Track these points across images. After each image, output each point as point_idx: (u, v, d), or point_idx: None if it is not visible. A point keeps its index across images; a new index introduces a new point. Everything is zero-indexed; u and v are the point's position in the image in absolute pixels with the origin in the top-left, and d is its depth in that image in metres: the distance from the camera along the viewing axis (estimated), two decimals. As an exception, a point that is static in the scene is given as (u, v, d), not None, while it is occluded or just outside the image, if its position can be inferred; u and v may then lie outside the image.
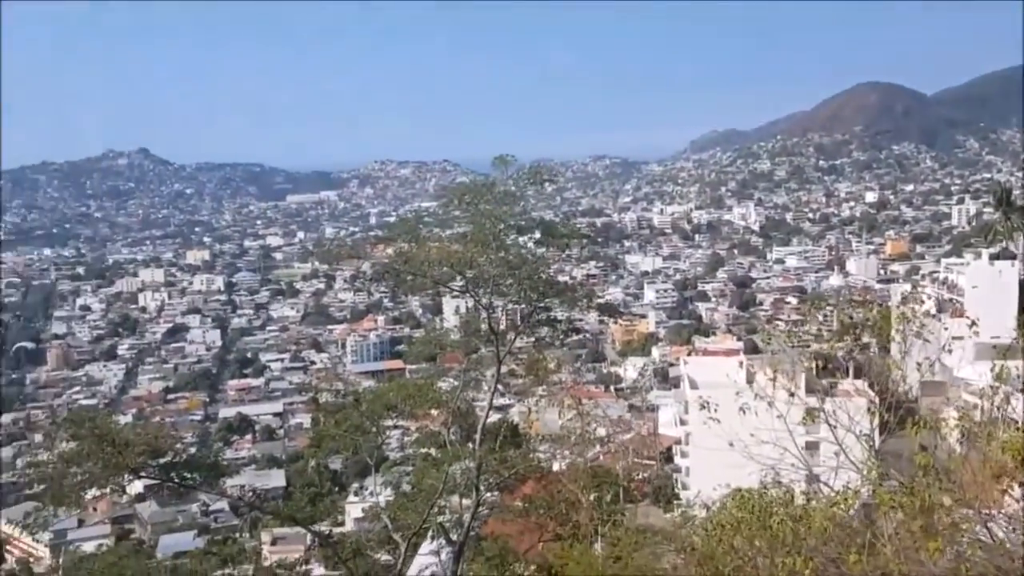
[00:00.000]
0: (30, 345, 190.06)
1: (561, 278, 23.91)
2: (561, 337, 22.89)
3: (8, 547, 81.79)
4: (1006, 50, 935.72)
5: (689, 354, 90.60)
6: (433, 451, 24.72)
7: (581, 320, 23.05)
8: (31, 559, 78.80)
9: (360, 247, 25.17)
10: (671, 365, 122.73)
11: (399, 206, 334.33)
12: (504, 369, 21.83)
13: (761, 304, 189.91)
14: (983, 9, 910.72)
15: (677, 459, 60.85)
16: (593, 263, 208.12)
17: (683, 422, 59.61)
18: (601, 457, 42.26)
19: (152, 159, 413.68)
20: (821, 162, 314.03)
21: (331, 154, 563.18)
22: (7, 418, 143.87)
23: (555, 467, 28.75)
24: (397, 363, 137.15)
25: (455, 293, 22.04)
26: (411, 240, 20.21)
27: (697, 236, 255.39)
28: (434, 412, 23.81)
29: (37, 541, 76.59)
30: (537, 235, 21.38)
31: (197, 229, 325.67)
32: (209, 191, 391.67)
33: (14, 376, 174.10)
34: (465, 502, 21.86)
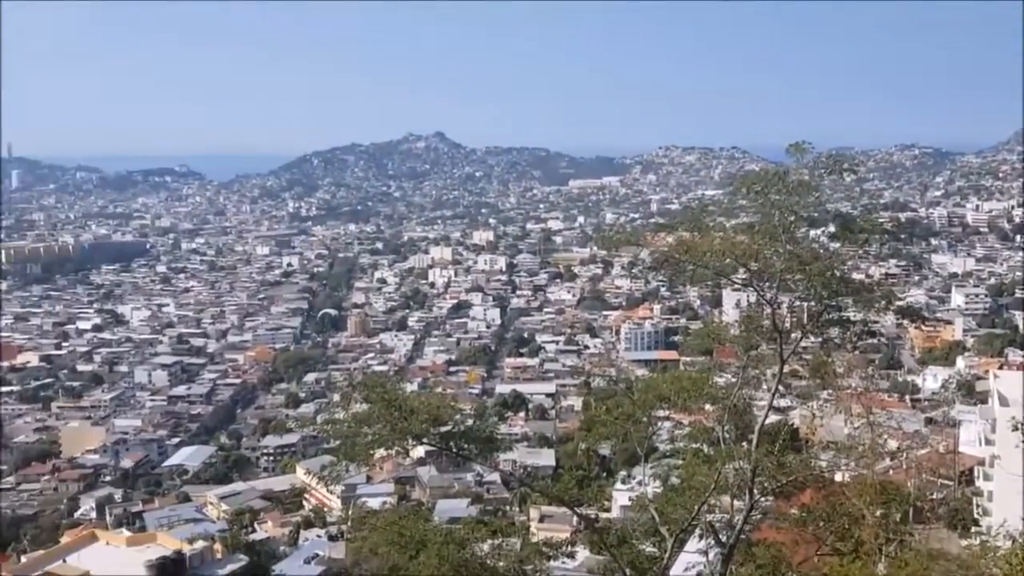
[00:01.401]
0: (333, 312, 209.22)
1: (856, 276, 22.29)
2: (853, 339, 21.45)
3: (306, 495, 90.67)
4: None
5: (1001, 367, 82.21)
6: (705, 447, 24.02)
7: (876, 322, 21.28)
8: (325, 508, 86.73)
9: (640, 234, 24.83)
10: (979, 378, 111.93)
11: (682, 193, 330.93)
12: (786, 369, 20.74)
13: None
14: None
15: (979, 482, 55.46)
16: (894, 261, 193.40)
17: (989, 442, 54.10)
18: (891, 472, 39.09)
19: (447, 142, 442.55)
20: None
21: (615, 140, 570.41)
22: (311, 377, 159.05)
23: (837, 477, 26.88)
24: (671, 354, 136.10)
25: (737, 286, 21.32)
26: (694, 229, 19.71)
27: (1019, 237, 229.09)
28: (708, 407, 23.05)
29: (331, 492, 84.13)
30: (832, 228, 20.16)
31: (484, 210, 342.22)
32: (496, 174, 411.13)
33: (319, 339, 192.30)
34: (737, 504, 21.06)
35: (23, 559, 48.34)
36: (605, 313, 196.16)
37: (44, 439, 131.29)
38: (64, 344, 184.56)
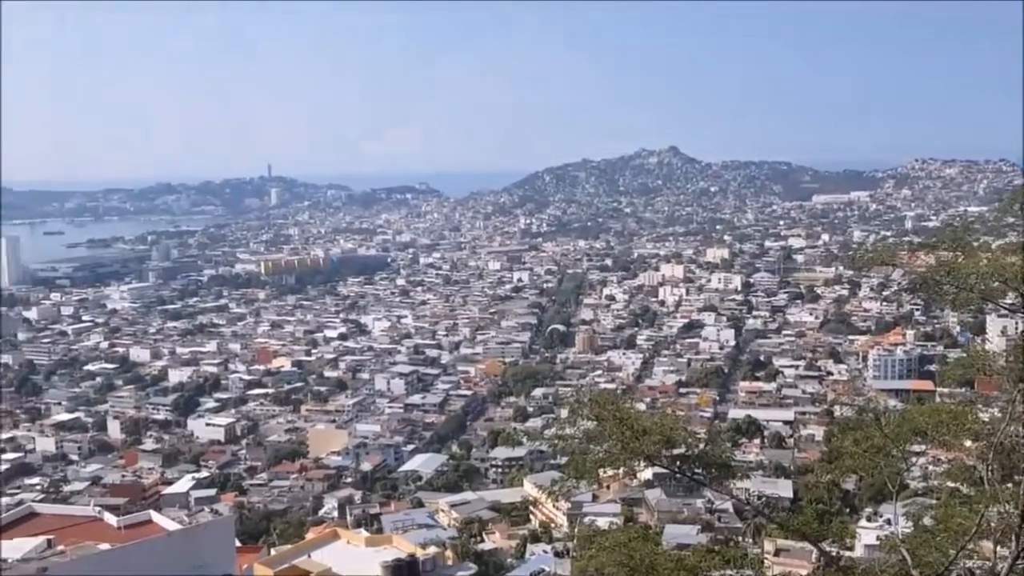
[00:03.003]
0: (562, 328, 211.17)
1: None
2: None
3: (533, 509, 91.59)
4: None
5: None
6: (963, 487, 21.89)
7: None
8: (551, 523, 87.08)
9: (894, 253, 23.12)
10: None
11: (941, 210, 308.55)
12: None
13: None
14: None
15: None
16: None
17: None
18: None
19: (680, 157, 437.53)
20: None
21: (865, 152, 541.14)
22: (539, 392, 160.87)
23: None
24: (926, 383, 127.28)
25: (1005, 311, 19.30)
26: (956, 248, 18.08)
27: None
28: (969, 443, 20.95)
29: (557, 508, 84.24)
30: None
31: (718, 227, 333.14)
32: (733, 189, 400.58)
33: (547, 354, 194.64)
34: (1000, 551, 18.94)
35: (272, 552, 51.99)
36: (851, 337, 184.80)
37: (293, 439, 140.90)
38: (313, 351, 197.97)
